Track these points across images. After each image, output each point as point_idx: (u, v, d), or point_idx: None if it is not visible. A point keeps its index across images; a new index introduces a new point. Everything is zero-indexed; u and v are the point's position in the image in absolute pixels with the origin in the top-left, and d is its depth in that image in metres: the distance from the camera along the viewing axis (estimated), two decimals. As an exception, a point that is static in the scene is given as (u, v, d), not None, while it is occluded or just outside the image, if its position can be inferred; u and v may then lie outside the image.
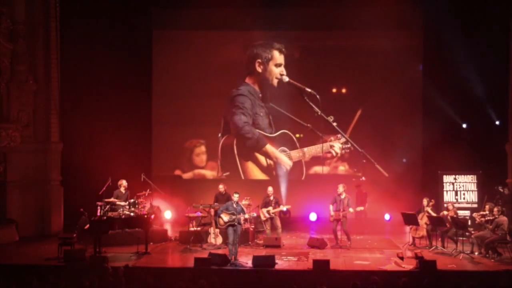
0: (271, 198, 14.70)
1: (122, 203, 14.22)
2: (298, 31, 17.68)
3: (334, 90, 17.84)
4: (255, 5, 17.03)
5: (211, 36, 17.89)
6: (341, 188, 14.27)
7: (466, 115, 16.79)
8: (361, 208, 14.71)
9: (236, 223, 12.79)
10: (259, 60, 17.57)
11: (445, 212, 14.09)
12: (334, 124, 17.10)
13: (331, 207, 14.35)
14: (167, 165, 18.01)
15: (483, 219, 13.33)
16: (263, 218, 14.63)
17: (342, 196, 14.22)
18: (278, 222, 14.61)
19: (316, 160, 17.64)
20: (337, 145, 17.38)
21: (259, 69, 17.64)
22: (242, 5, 16.88)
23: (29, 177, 16.08)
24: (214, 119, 17.86)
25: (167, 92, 18.00)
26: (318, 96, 17.11)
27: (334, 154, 17.44)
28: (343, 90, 17.88)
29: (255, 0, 16.93)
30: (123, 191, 14.67)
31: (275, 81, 17.54)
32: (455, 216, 13.80)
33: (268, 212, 14.56)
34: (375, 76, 17.36)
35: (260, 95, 17.76)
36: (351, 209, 14.18)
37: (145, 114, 17.79)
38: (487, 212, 13.43)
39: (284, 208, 14.81)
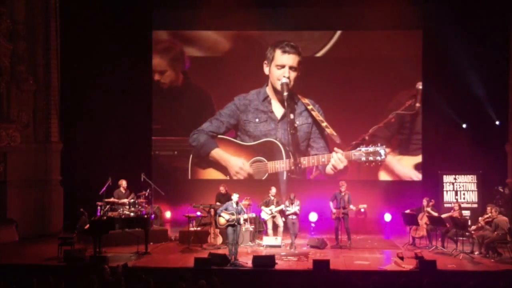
0: (272, 198, 14.68)
1: (125, 200, 14.25)
2: (298, 31, 17.66)
3: (333, 92, 17.63)
4: (255, 5, 17.00)
5: (211, 36, 17.90)
6: (343, 187, 14.29)
7: (466, 115, 16.77)
8: (364, 206, 14.70)
9: (236, 223, 12.79)
10: (266, 61, 17.42)
11: (455, 213, 13.99)
12: (334, 134, 17.10)
13: (331, 204, 14.37)
14: (167, 165, 18.01)
15: (487, 219, 13.31)
16: (265, 217, 14.61)
17: (343, 193, 14.23)
18: (280, 221, 14.59)
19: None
20: (334, 159, 17.04)
21: (266, 71, 17.45)
22: (242, 5, 16.85)
23: (29, 177, 16.07)
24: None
25: (168, 91, 17.99)
26: (317, 105, 17.27)
27: (332, 167, 17.06)
28: (342, 92, 17.69)
29: (255, 0, 16.94)
30: (123, 191, 14.68)
31: (278, 84, 17.26)
32: (459, 216, 13.79)
33: (270, 211, 14.54)
34: (375, 75, 17.32)
35: (269, 98, 17.49)
36: (352, 207, 14.18)
37: (145, 114, 17.76)
38: (489, 214, 13.41)
39: (280, 207, 14.71)
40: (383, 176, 17.33)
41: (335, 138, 17.17)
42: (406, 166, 17.31)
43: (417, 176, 17.26)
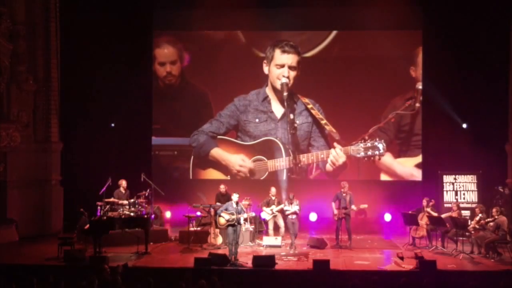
0: (273, 198, 14.67)
1: (125, 202, 14.25)
2: (298, 31, 17.65)
3: (332, 91, 17.56)
4: (255, 5, 17.00)
5: (212, 36, 17.89)
6: (345, 187, 14.29)
7: (466, 115, 16.78)
8: (365, 205, 14.72)
9: (236, 223, 12.79)
10: (265, 61, 17.42)
11: (454, 213, 14.02)
12: (334, 131, 17.09)
13: (333, 204, 14.38)
14: (167, 165, 18.00)
15: (482, 222, 13.28)
16: (267, 217, 14.60)
17: (344, 194, 14.24)
18: (281, 222, 14.57)
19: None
20: (332, 155, 16.95)
21: (266, 70, 17.43)
22: (242, 5, 16.85)
23: (29, 177, 16.07)
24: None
25: (167, 91, 18.00)
26: (317, 104, 17.26)
27: (331, 163, 16.99)
28: (342, 91, 17.65)
29: (255, 0, 16.94)
30: (123, 191, 14.68)
31: (277, 83, 17.24)
32: (458, 216, 13.79)
33: (271, 211, 14.52)
34: (374, 75, 17.31)
35: (269, 98, 17.49)
36: (353, 207, 14.20)
37: (145, 114, 17.76)
38: (480, 216, 13.39)
39: (281, 206, 14.67)
40: (384, 177, 17.34)
41: (334, 135, 17.16)
42: (407, 166, 17.31)
43: (418, 174, 17.24)
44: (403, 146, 17.38)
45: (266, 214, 14.60)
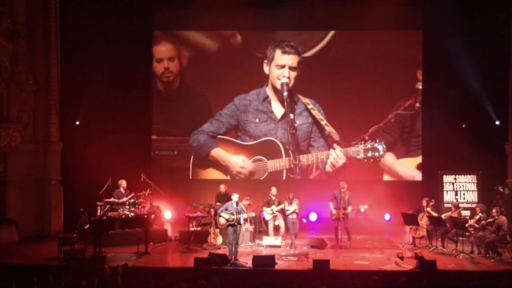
0: (274, 198, 14.67)
1: (125, 199, 14.25)
2: (298, 31, 17.65)
3: (332, 91, 17.57)
4: (254, 5, 17.00)
5: (211, 36, 17.89)
6: (344, 188, 14.29)
7: (466, 115, 16.77)
8: (365, 206, 14.72)
9: (236, 223, 12.79)
10: (266, 61, 17.41)
11: (453, 214, 14.03)
12: (334, 132, 17.08)
13: (331, 204, 14.37)
14: (167, 165, 18.01)
15: (483, 222, 13.27)
16: (267, 217, 14.60)
17: (343, 194, 14.24)
18: (281, 221, 14.56)
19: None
20: (332, 156, 16.90)
21: (266, 70, 17.42)
22: (241, 5, 16.85)
23: (29, 177, 16.07)
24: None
25: (167, 91, 17.99)
26: (318, 105, 17.24)
27: (330, 164, 16.92)
28: (342, 91, 17.64)
29: (255, 0, 16.93)
30: (123, 191, 14.68)
31: (278, 83, 17.21)
32: (458, 216, 13.78)
33: (272, 210, 14.52)
34: (375, 76, 17.31)
35: (269, 98, 17.49)
36: (349, 208, 14.19)
37: (145, 114, 17.76)
38: (480, 215, 13.38)
39: (281, 206, 14.67)
40: (387, 177, 17.33)
41: (334, 136, 17.13)
42: (409, 167, 17.29)
43: (420, 174, 17.24)
44: (407, 146, 17.38)
45: (266, 214, 14.60)
